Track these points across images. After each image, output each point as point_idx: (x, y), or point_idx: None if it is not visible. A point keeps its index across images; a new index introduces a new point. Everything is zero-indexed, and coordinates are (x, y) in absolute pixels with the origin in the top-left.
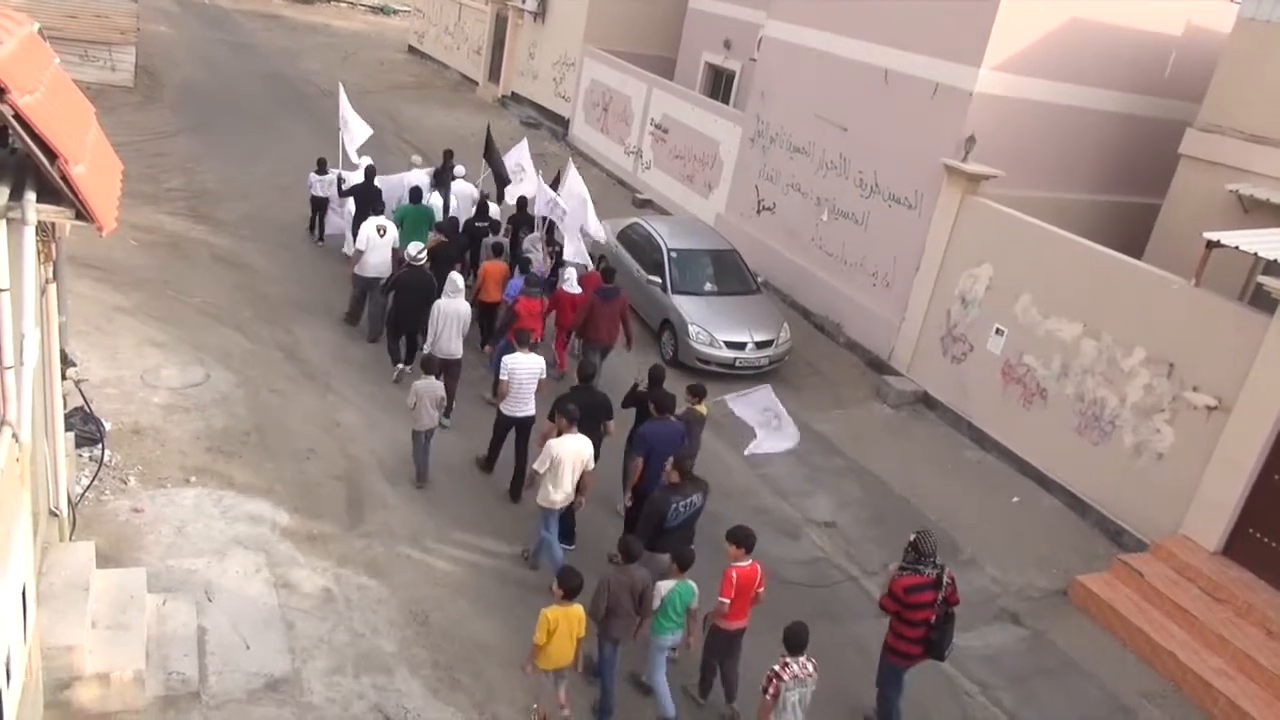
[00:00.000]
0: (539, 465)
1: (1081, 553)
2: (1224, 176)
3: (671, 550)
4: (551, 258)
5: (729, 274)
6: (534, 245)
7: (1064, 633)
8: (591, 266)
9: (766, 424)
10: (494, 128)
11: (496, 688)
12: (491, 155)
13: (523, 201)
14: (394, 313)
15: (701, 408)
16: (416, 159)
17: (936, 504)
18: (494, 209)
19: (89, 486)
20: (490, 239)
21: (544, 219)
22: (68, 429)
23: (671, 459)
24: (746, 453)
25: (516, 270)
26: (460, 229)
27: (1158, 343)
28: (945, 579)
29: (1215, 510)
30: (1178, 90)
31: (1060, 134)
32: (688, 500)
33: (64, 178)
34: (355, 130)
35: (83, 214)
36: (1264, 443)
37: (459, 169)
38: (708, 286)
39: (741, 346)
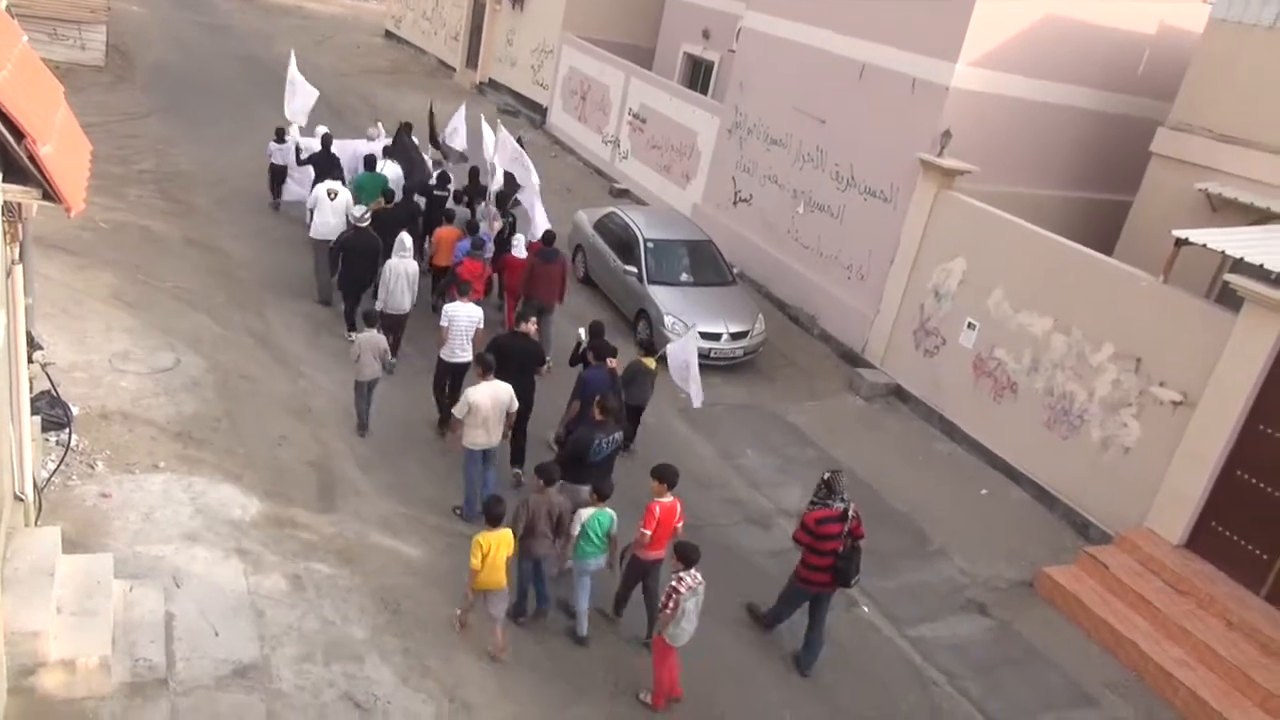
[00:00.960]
0: (458, 411)
1: (1048, 545)
2: (1193, 175)
3: (592, 482)
4: (507, 229)
5: (705, 265)
6: (485, 215)
7: (1030, 623)
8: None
9: (686, 379)
10: (470, 115)
11: (467, 675)
12: (436, 137)
13: (474, 173)
14: (342, 274)
15: (649, 361)
16: (373, 130)
17: (907, 495)
18: (450, 177)
19: (55, 471)
20: (449, 206)
21: (497, 191)
22: (34, 413)
23: (598, 399)
24: (696, 405)
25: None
26: (415, 195)
27: (1126, 338)
28: (851, 513)
29: (1179, 504)
30: (1150, 89)
31: (1034, 130)
32: (610, 437)
33: (31, 157)
34: (301, 94)
35: (50, 194)
36: (1227, 438)
37: (415, 140)
38: (684, 277)
39: (717, 337)
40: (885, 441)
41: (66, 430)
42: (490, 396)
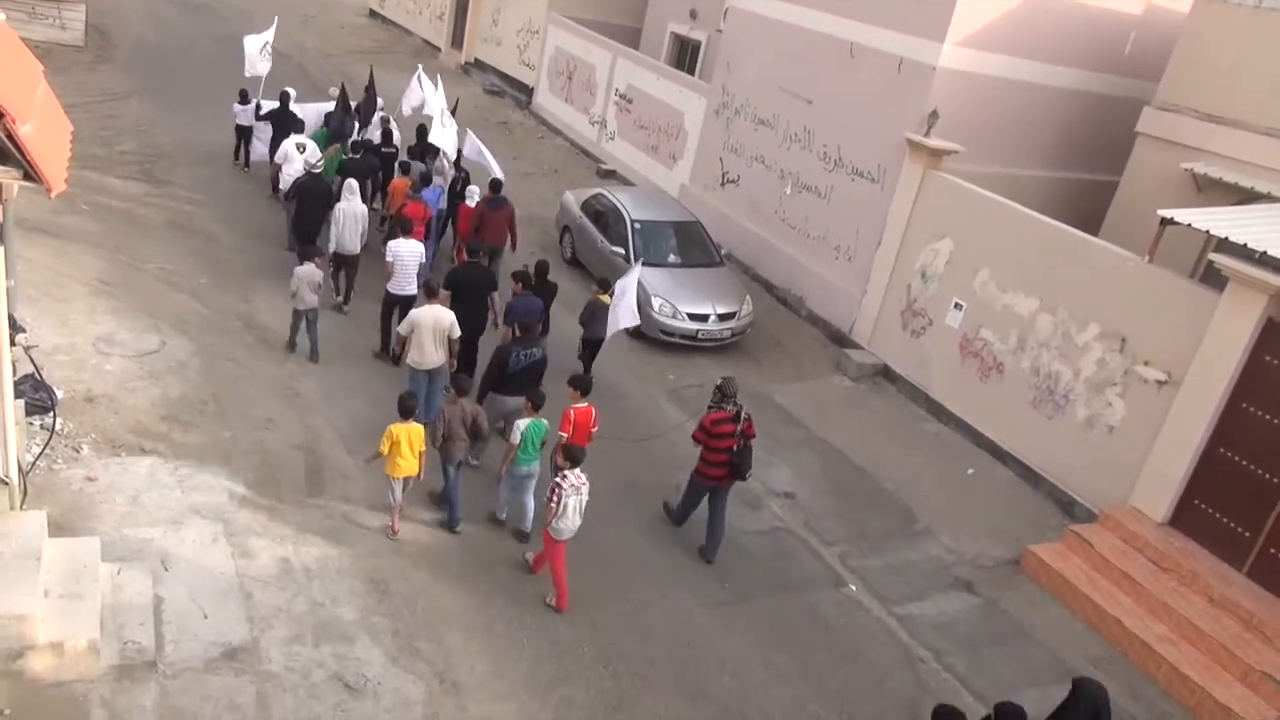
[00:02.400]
0: (402, 329)
1: (1034, 523)
2: (1179, 155)
3: (518, 392)
4: (460, 182)
5: (692, 246)
6: (438, 170)
7: (1015, 601)
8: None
9: (620, 300)
10: (456, 95)
11: (457, 655)
12: (370, 100)
13: (421, 130)
14: (296, 216)
15: (604, 297)
16: (334, 90)
17: (894, 475)
18: (397, 135)
19: (40, 455)
20: (405, 160)
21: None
22: (17, 396)
23: (519, 320)
24: (608, 336)
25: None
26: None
27: (1111, 318)
28: (743, 415)
29: (1163, 482)
30: (1137, 69)
31: (1021, 110)
32: (528, 351)
33: (10, 137)
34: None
35: (31, 175)
36: (1211, 416)
37: (380, 101)
38: (671, 258)
39: (704, 319)
40: (872, 422)
41: (51, 414)
42: (432, 318)
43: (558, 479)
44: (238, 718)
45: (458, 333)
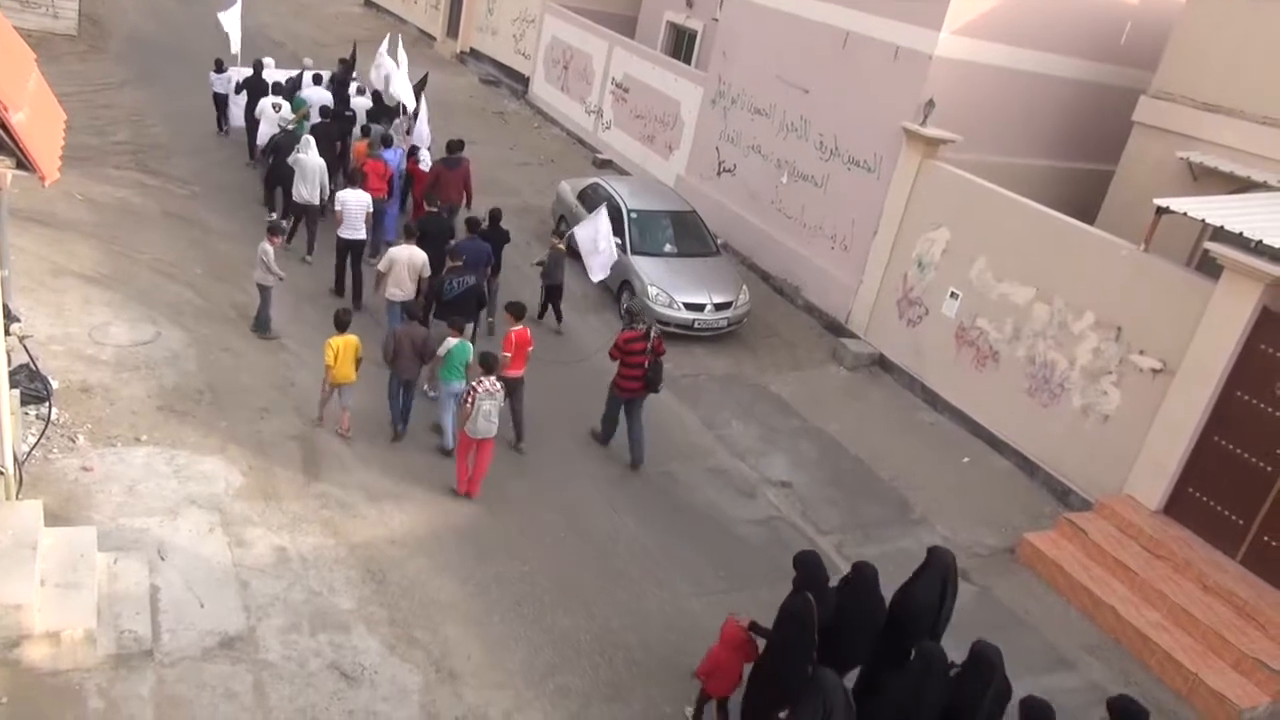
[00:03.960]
0: (381, 266)
1: (1029, 512)
2: (1175, 144)
3: (448, 319)
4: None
5: (689, 235)
6: (396, 130)
7: (1010, 589)
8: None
9: (593, 250)
10: (451, 85)
11: (454, 644)
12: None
13: (377, 96)
14: (271, 168)
15: (562, 245)
16: (307, 60)
17: (890, 464)
18: (355, 102)
19: (35, 445)
20: (366, 124)
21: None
22: (12, 386)
23: (448, 252)
24: (594, 280)
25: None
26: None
27: (1107, 307)
28: (653, 334)
29: (1158, 470)
30: (1133, 58)
31: (1018, 99)
32: (461, 279)
33: (2, 125)
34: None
35: (24, 164)
36: (1206, 405)
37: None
38: (667, 248)
39: (700, 308)
40: (868, 411)
41: (46, 404)
42: (407, 256)
43: (473, 384)
44: (234, 706)
45: (429, 271)
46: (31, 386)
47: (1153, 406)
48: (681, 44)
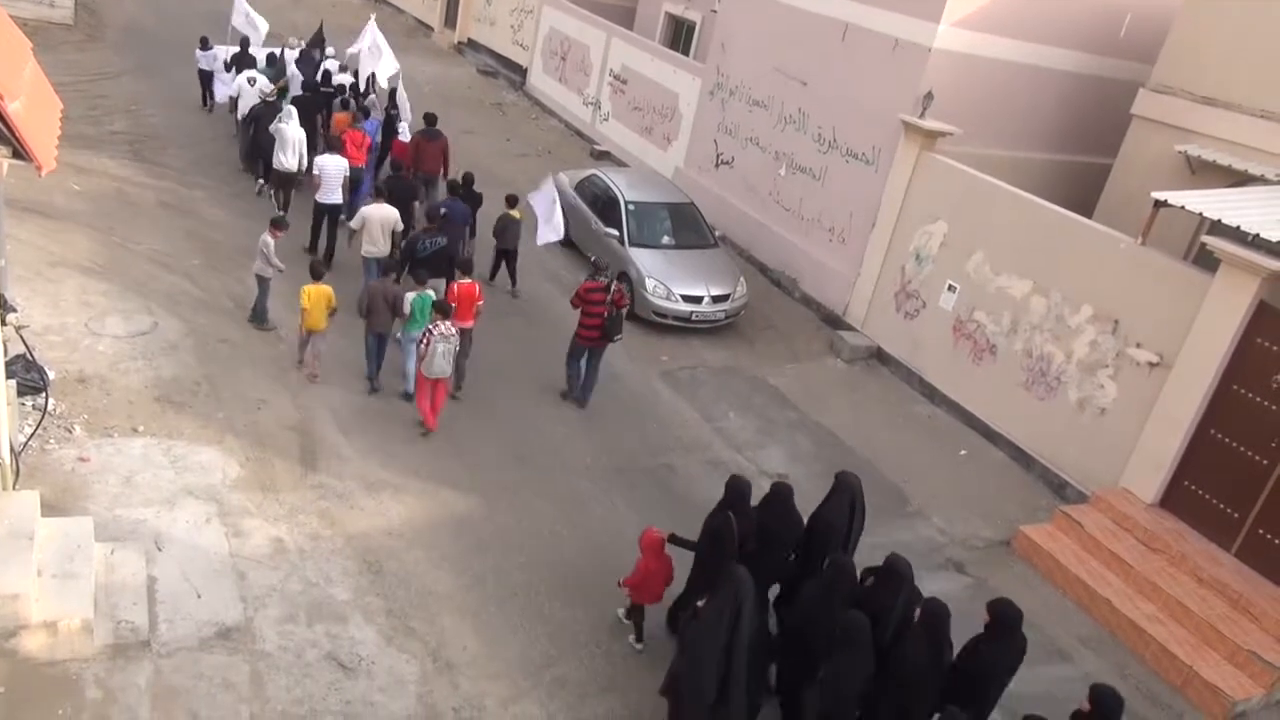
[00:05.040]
0: (354, 224)
1: (1025, 504)
2: (1173, 137)
3: (414, 274)
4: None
5: (686, 227)
6: (374, 104)
7: (1006, 581)
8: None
9: (548, 216)
10: (449, 75)
11: (450, 635)
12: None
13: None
14: (253, 138)
15: (515, 212)
16: (292, 40)
17: (886, 457)
18: (338, 78)
19: (32, 435)
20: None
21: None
22: (8, 376)
23: (426, 213)
24: (539, 244)
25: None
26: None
27: (1104, 300)
28: (614, 286)
29: (1153, 463)
30: (1132, 51)
31: (1016, 92)
32: (433, 240)
33: None
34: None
35: (20, 153)
36: (1202, 398)
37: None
38: (665, 240)
39: (698, 300)
40: (866, 404)
41: (43, 394)
42: (379, 213)
43: (429, 326)
44: (232, 697)
45: (401, 226)
46: (28, 377)
47: (1149, 400)
48: (680, 35)
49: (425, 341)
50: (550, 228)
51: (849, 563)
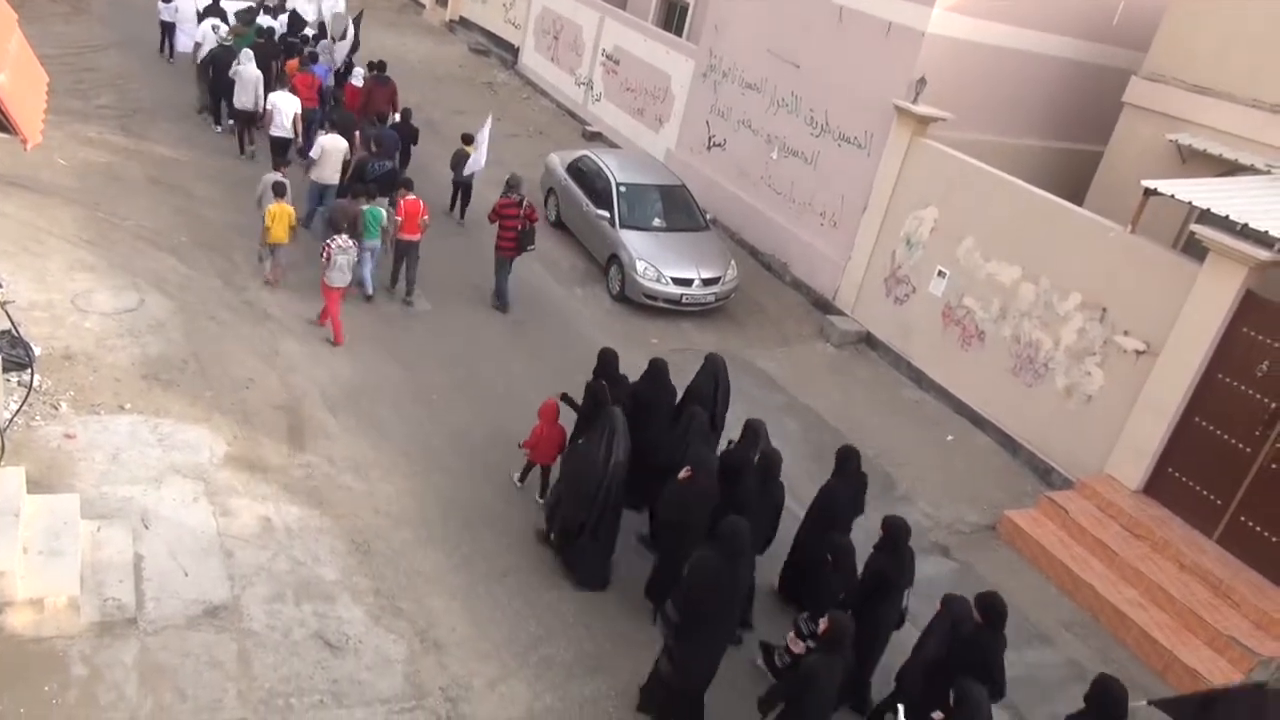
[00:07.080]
0: (314, 153)
1: (1011, 490)
2: (1164, 126)
3: (365, 193)
4: (344, 66)
5: (678, 210)
6: (325, 50)
7: (991, 565)
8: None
9: (479, 150)
10: (440, 54)
11: (438, 615)
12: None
13: (295, 17)
14: (212, 81)
15: (469, 149)
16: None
17: (874, 441)
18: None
19: (18, 412)
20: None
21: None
22: None
23: (373, 140)
24: (465, 173)
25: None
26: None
27: (1093, 288)
28: (525, 203)
29: (1139, 451)
30: (1125, 39)
31: (1009, 78)
32: (381, 163)
33: None
34: None
35: (6, 126)
36: (1188, 386)
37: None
38: (656, 222)
39: (688, 283)
40: (854, 388)
41: (28, 370)
42: (334, 144)
43: (327, 240)
44: (219, 675)
45: (350, 155)
46: (13, 353)
47: (1135, 387)
48: (673, 16)
49: (325, 254)
50: (473, 159)
51: (704, 417)
